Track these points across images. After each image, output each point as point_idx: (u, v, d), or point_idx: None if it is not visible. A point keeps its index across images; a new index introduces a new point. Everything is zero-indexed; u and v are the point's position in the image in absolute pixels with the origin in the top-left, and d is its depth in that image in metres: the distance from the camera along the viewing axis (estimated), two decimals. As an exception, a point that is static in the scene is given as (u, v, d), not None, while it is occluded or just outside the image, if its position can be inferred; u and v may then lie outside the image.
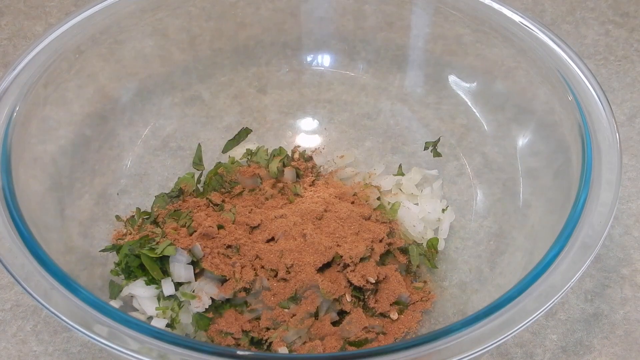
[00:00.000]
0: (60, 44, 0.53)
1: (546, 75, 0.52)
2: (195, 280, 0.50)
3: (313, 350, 0.47)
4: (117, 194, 0.57)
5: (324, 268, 0.49)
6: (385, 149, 0.61)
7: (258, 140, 0.61)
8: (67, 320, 0.40)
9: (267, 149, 0.59)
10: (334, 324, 0.49)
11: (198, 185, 0.58)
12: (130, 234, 0.54)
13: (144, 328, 0.39)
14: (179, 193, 0.56)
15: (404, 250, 0.53)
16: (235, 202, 0.55)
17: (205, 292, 0.49)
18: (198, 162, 0.59)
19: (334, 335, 0.49)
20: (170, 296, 0.49)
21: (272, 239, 0.51)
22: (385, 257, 0.52)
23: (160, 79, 0.61)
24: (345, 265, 0.49)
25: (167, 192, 0.57)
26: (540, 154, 0.55)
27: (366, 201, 0.55)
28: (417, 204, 0.57)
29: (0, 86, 0.49)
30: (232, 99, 0.63)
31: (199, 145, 0.60)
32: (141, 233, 0.53)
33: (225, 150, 0.61)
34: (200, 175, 0.58)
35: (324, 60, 0.64)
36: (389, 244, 0.52)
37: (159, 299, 0.50)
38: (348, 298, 0.49)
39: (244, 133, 0.61)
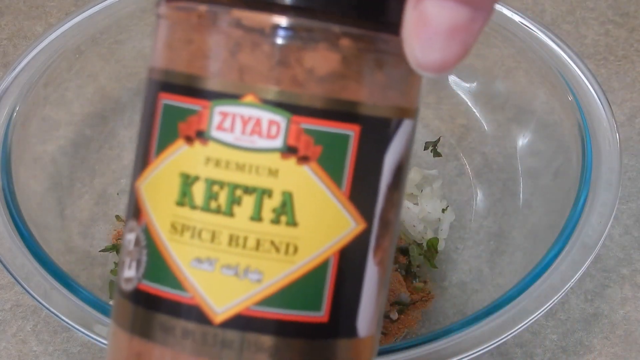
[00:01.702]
0: (60, 44, 0.53)
1: (546, 75, 0.52)
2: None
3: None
4: (117, 194, 0.57)
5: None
6: (385, 149, 0.61)
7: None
8: (67, 320, 0.40)
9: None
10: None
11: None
12: (130, 234, 0.54)
13: (144, 328, 0.39)
14: (179, 193, 0.56)
15: (404, 250, 0.53)
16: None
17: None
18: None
19: (334, 335, 0.48)
20: (170, 296, 0.49)
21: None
22: (385, 257, 0.52)
23: (160, 79, 0.61)
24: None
25: (167, 192, 0.57)
26: (540, 154, 0.54)
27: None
28: (417, 204, 0.57)
29: (0, 86, 0.49)
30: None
31: (199, 145, 0.60)
32: (141, 233, 0.53)
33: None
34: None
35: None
36: (389, 244, 0.52)
37: (159, 299, 0.49)
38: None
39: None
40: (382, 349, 0.39)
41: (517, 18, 0.54)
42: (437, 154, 0.60)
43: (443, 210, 0.57)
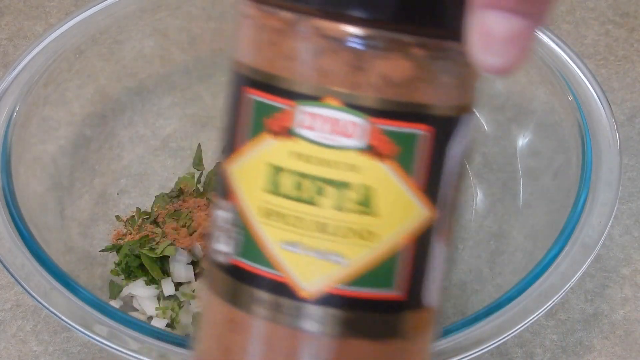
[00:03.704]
0: (60, 44, 0.53)
1: (546, 75, 0.52)
2: (196, 280, 0.50)
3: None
4: (117, 194, 0.57)
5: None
6: (385, 149, 0.61)
7: (258, 140, 0.61)
8: (67, 320, 0.40)
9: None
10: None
11: (198, 185, 0.58)
12: (130, 234, 0.54)
13: (144, 328, 0.39)
14: (179, 193, 0.56)
15: (404, 250, 0.53)
16: (235, 202, 0.55)
17: (205, 292, 0.49)
18: (198, 162, 0.59)
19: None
20: (170, 296, 0.49)
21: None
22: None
23: (160, 79, 0.61)
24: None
25: (167, 192, 0.57)
26: (540, 154, 0.54)
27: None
28: (417, 204, 0.57)
29: (0, 86, 0.49)
30: (232, 99, 0.63)
31: (199, 145, 0.60)
32: (141, 233, 0.53)
33: (225, 150, 0.61)
34: (201, 175, 0.58)
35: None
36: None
37: (159, 299, 0.50)
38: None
39: (243, 133, 0.61)
40: (382, 349, 0.39)
41: (517, 18, 0.54)
42: (437, 154, 0.60)
43: (443, 210, 0.57)
